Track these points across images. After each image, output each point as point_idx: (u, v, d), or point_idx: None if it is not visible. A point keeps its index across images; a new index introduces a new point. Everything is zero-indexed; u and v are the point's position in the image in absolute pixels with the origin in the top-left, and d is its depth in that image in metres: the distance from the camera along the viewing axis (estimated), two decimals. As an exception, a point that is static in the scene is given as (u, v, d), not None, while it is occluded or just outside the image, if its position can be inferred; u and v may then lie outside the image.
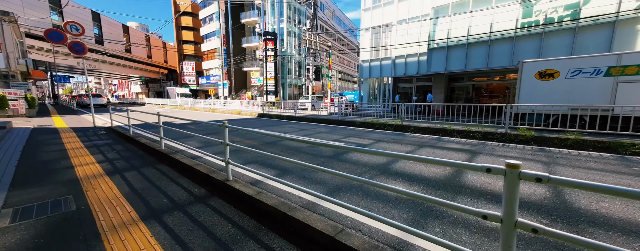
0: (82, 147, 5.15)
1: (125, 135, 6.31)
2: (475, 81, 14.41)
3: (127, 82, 63.19)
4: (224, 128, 2.68)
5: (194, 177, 3.23)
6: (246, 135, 6.73)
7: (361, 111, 13.50)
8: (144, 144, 5.07)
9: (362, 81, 18.75)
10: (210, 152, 4.59)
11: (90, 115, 13.31)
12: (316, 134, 7.01)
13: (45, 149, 4.97)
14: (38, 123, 9.18)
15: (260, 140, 5.97)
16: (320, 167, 1.96)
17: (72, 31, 7.93)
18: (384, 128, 7.61)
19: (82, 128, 8.17)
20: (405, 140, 5.77)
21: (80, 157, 4.33)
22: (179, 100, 28.17)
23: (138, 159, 4.25)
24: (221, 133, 2.80)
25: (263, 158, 4.20)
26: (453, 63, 12.88)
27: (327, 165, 3.83)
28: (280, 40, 28.42)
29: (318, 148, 4.89)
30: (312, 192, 1.99)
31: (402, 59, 15.92)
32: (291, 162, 2.14)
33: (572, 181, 0.90)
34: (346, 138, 6.22)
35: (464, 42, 12.26)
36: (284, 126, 8.90)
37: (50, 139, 6.08)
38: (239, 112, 14.58)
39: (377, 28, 17.18)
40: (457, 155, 4.43)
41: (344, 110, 12.87)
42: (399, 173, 3.38)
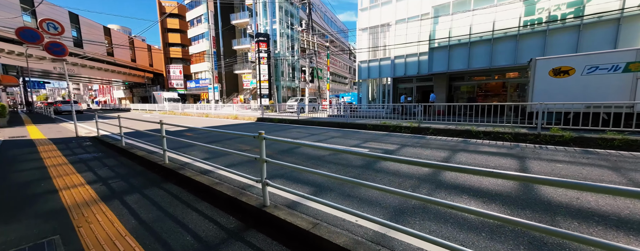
0: (66, 163, 4.37)
1: (116, 146, 5.54)
2: (475, 80, 14.41)
3: (109, 87, 60.11)
4: (261, 140, 2.11)
5: (216, 201, 2.63)
6: (256, 143, 6.10)
7: (362, 113, 13.15)
8: (141, 157, 4.36)
9: (361, 82, 18.43)
10: (221, 163, 3.98)
11: (70, 124, 12.14)
12: (330, 139, 6.49)
13: (20, 167, 4.16)
14: (9, 135, 8.11)
15: (273, 148, 5.38)
16: (374, 184, 1.46)
17: (49, 30, 7.02)
18: (399, 131, 7.21)
19: (63, 139, 7.23)
20: (431, 144, 5.36)
21: (65, 177, 3.59)
22: (167, 105, 26.80)
23: (138, 177, 3.57)
24: (244, 144, 2.23)
25: (286, 170, 3.64)
26: (455, 62, 12.78)
27: (365, 177, 3.32)
28: (273, 42, 27.78)
29: (345, 157, 4.37)
30: (377, 219, 1.52)
31: (402, 59, 15.73)
32: (334, 177, 1.62)
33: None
34: (366, 143, 5.74)
35: (466, 41, 12.18)
36: (290, 131, 8.32)
37: (26, 154, 5.21)
38: (235, 116, 13.82)
39: (375, 28, 16.94)
40: (502, 161, 4.02)
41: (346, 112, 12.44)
42: (458, 186, 2.92)
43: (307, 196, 1.93)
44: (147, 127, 9.33)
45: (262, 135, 2.10)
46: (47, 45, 7.01)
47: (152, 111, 25.25)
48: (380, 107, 14.81)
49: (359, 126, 8.35)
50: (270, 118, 11.84)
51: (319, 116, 13.34)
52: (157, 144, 5.16)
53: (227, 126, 10.38)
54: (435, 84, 14.90)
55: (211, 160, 4.49)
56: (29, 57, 22.51)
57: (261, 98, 26.65)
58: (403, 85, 16.82)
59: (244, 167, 3.97)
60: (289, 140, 2.20)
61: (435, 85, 14.91)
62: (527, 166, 3.73)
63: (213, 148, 3.06)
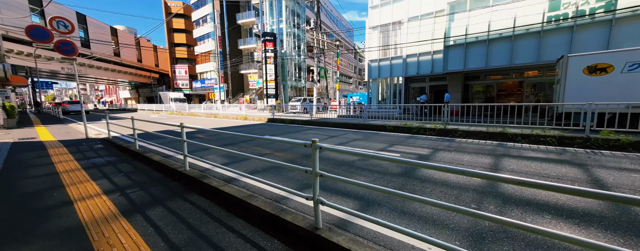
0: (78, 169, 4.10)
1: (129, 149, 5.26)
2: (492, 79, 13.90)
3: (115, 87, 60.57)
4: (315, 150, 1.77)
5: (252, 218, 2.30)
6: (276, 146, 5.78)
7: (374, 113, 12.78)
8: (158, 163, 4.06)
9: (371, 82, 18.02)
10: (244, 170, 3.66)
11: (79, 124, 11.99)
12: (351, 142, 6.13)
13: (30, 173, 3.89)
14: (19, 136, 7.93)
15: (294, 151, 5.04)
16: (449, 204, 1.10)
17: (58, 28, 6.79)
18: (423, 133, 6.81)
19: (73, 141, 7.01)
20: (466, 148, 4.96)
21: (79, 185, 3.30)
22: (173, 106, 26.73)
23: (157, 185, 3.26)
24: (261, 146, 1.89)
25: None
26: (472, 60, 12.30)
27: (410, 188, 2.96)
28: (280, 41, 27.50)
29: (378, 163, 4.01)
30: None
31: (415, 57, 15.29)
32: (402, 196, 1.26)
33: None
34: (393, 147, 5.37)
35: (484, 38, 11.70)
36: (305, 132, 7.99)
37: (36, 158, 4.96)
38: (245, 117, 13.54)
39: (386, 26, 16.51)
40: (561, 169, 3.52)
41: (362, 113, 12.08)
42: (531, 203, 2.53)
43: (374, 220, 1.58)
44: (157, 128, 9.09)
45: (317, 144, 1.76)
46: (57, 44, 6.78)
47: (159, 111, 25.18)
48: (392, 107, 14.39)
49: (378, 127, 7.97)
50: (281, 119, 11.53)
51: (328, 116, 12.99)
52: (170, 146, 4.89)
53: (237, 127, 10.09)
54: (449, 83, 14.43)
55: (231, 165, 4.18)
56: (37, 57, 22.61)
57: (268, 99, 26.40)
58: (415, 84, 16.37)
59: (270, 174, 3.64)
60: (349, 150, 1.85)
61: (449, 84, 14.44)
62: (597, 176, 3.27)
63: (237, 154, 2.73)
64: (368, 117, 10.64)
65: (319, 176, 1.80)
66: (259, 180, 2.50)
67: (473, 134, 6.03)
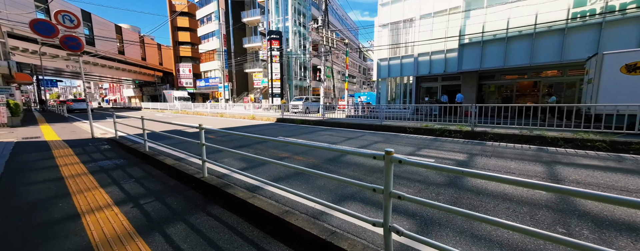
0: (85, 173, 3.76)
1: (138, 151, 4.92)
2: (507, 79, 13.41)
3: (119, 85, 60.67)
4: (390, 164, 1.39)
5: (295, 242, 1.92)
6: (295, 149, 5.41)
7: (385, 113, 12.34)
8: (172, 168, 3.71)
9: (380, 81, 17.59)
10: (265, 177, 3.29)
11: (84, 123, 11.72)
12: (373, 145, 5.75)
13: (33, 178, 3.56)
14: (23, 135, 7.64)
15: (314, 154, 4.67)
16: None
17: (64, 23, 6.48)
18: (448, 135, 6.40)
19: (78, 141, 6.69)
20: (506, 153, 4.54)
21: (87, 193, 2.95)
22: (177, 104, 26.51)
23: (174, 195, 2.90)
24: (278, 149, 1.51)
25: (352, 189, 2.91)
26: (489, 59, 11.83)
27: (467, 202, 2.57)
28: (285, 40, 27.13)
29: (414, 170, 3.62)
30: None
31: (426, 56, 14.84)
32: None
33: None
34: (421, 151, 4.98)
35: (502, 36, 11.23)
36: (320, 134, 7.61)
37: (40, 159, 4.64)
38: (252, 116, 13.19)
39: (396, 24, 16.07)
40: (638, 181, 3.16)
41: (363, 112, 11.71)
42: (632, 226, 2.14)
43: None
44: (164, 127, 8.77)
45: (393, 156, 1.37)
46: (62, 39, 6.47)
47: (164, 110, 24.97)
48: (403, 107, 13.95)
49: (396, 129, 7.57)
50: (291, 119, 11.16)
51: (336, 116, 12.58)
52: (180, 148, 4.54)
53: (246, 128, 9.75)
54: (463, 83, 13.96)
55: (250, 171, 3.81)
56: (42, 55, 22.46)
57: (273, 98, 26.06)
58: (427, 84, 15.92)
59: (296, 181, 3.26)
60: (437, 166, 1.46)
61: (463, 84, 13.97)
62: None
63: (255, 157, 2.37)
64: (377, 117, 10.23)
65: (396, 198, 1.41)
66: (295, 192, 2.12)
67: (505, 137, 5.61)
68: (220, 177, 3.43)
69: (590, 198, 0.92)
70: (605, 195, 0.88)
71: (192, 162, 4.25)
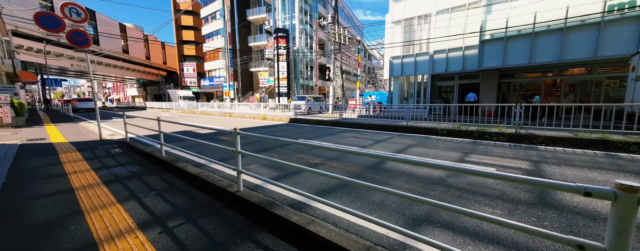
0: (97, 183, 3.28)
1: (152, 156, 4.45)
2: (529, 77, 12.78)
3: (123, 85, 60.59)
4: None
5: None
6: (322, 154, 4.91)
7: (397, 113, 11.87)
8: (196, 177, 3.23)
9: (392, 80, 17.02)
10: (307, 190, 2.78)
11: (90, 123, 11.33)
12: (409, 149, 5.23)
13: (39, 190, 3.09)
14: (28, 137, 7.23)
15: (355, 162, 4.16)
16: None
17: (71, 16, 6.02)
18: (488, 138, 5.85)
19: (86, 143, 6.25)
20: (576, 160, 3.95)
21: (102, 211, 2.47)
22: (182, 104, 26.14)
23: (207, 215, 2.40)
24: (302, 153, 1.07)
25: (426, 209, 2.39)
26: (513, 56, 11.22)
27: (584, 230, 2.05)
28: (292, 38, 26.61)
29: (480, 182, 3.09)
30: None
31: (443, 53, 14.25)
32: None
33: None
34: (469, 157, 4.45)
35: (528, 31, 10.61)
36: (343, 136, 7.10)
37: (46, 166, 4.18)
38: (263, 116, 12.71)
39: (410, 20, 15.48)
40: None
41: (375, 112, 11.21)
42: None
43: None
44: (173, 128, 8.31)
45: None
46: (69, 34, 6.02)
47: (170, 110, 24.61)
48: (423, 107, 13.35)
49: (425, 130, 7.03)
50: (305, 119, 10.66)
51: (348, 116, 12.04)
52: (195, 151, 4.07)
53: (260, 129, 9.26)
54: (482, 82, 13.36)
55: (285, 180, 3.32)
56: (47, 53, 22.17)
57: (279, 97, 25.58)
58: (443, 83, 15.32)
59: (342, 194, 2.76)
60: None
61: (482, 82, 13.37)
62: None
63: (285, 164, 1.88)
64: (397, 118, 9.71)
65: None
66: (364, 216, 1.61)
67: (558, 140, 5.05)
68: (253, 188, 2.94)
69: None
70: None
71: (215, 169, 3.77)
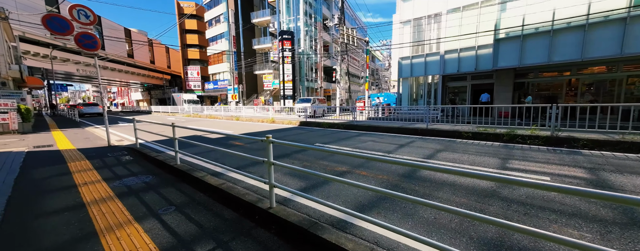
0: (111, 198, 2.99)
1: (166, 164, 4.16)
2: (546, 77, 12.36)
3: (127, 89, 61.03)
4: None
5: None
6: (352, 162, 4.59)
7: (409, 115, 11.52)
8: (219, 190, 2.92)
9: (401, 81, 16.67)
10: (342, 203, 2.45)
11: (96, 128, 11.14)
12: (437, 154, 4.88)
13: (48, 205, 2.80)
14: (34, 143, 7.01)
15: (386, 171, 3.83)
16: None
17: (79, 18, 5.82)
18: (521, 142, 5.47)
19: (95, 150, 6.00)
20: (636, 168, 3.61)
21: (119, 232, 2.16)
22: (186, 107, 26.06)
23: (239, 238, 2.08)
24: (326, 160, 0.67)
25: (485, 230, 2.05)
26: (531, 55, 10.83)
27: None
28: (296, 40, 26.45)
29: (525, 194, 2.74)
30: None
31: (454, 53, 13.89)
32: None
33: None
34: (509, 163, 4.09)
35: (547, 28, 10.24)
36: (362, 140, 6.77)
37: (54, 176, 3.91)
38: (272, 120, 12.44)
39: (420, 19, 15.18)
40: None
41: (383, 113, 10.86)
42: None
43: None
44: (182, 133, 8.05)
45: None
46: (77, 37, 5.80)
47: (175, 113, 24.49)
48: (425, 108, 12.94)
49: (448, 133, 6.67)
50: (317, 122, 10.35)
51: (359, 118, 11.70)
52: (210, 158, 3.78)
53: (271, 132, 8.96)
54: (496, 82, 12.97)
55: (314, 192, 2.99)
56: (53, 58, 22.24)
57: (285, 100, 25.36)
58: (454, 83, 14.95)
59: (384, 210, 2.43)
60: None
61: (496, 82, 12.98)
62: None
63: (311, 173, 1.56)
64: (410, 120, 9.36)
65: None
66: (439, 245, 1.28)
67: (604, 144, 4.66)
68: (281, 202, 2.62)
69: None
70: None
71: (235, 178, 3.46)
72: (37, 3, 22.21)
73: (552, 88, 12.50)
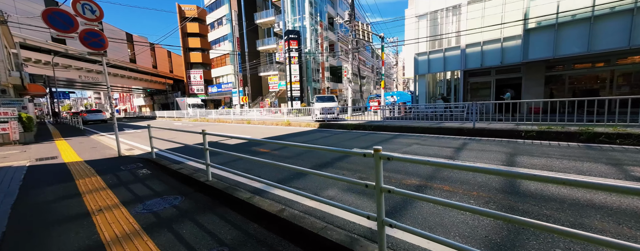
0: (136, 232, 2.24)
1: (196, 180, 3.41)
2: (577, 69, 11.54)
3: (129, 95, 60.64)
4: None
5: None
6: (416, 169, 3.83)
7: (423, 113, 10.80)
8: (281, 220, 2.16)
9: (418, 78, 15.90)
10: (456, 238, 1.67)
11: (101, 136, 10.45)
12: (514, 159, 4.11)
13: (53, 244, 2.06)
14: (37, 155, 6.31)
15: (471, 182, 3.07)
16: None
17: (84, 14, 5.12)
18: (606, 142, 4.68)
19: (105, 162, 5.28)
20: None
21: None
22: (191, 112, 25.40)
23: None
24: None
25: None
26: (567, 45, 10.03)
27: None
28: (302, 40, 25.76)
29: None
30: None
31: (477, 47, 13.12)
32: None
33: None
34: (632, 171, 3.31)
35: (586, 15, 9.45)
36: (403, 143, 6.01)
37: (60, 198, 3.18)
38: (288, 122, 11.70)
39: (437, 12, 14.43)
40: None
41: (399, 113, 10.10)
42: None
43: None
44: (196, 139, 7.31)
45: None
46: (82, 34, 5.11)
47: (181, 118, 23.84)
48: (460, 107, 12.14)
49: (501, 133, 5.89)
50: (338, 124, 9.59)
51: (374, 118, 10.91)
52: (240, 169, 3.02)
53: (292, 136, 8.22)
54: (525, 76, 12.17)
55: (405, 217, 2.23)
56: (55, 65, 21.69)
57: (292, 101, 24.65)
58: (476, 79, 14.15)
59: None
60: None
61: (525, 77, 12.18)
62: None
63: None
64: (418, 118, 8.59)
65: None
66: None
67: None
68: (394, 247, 1.87)
69: None
70: None
71: (288, 199, 2.71)
72: (37, 8, 21.69)
73: (584, 81, 11.68)
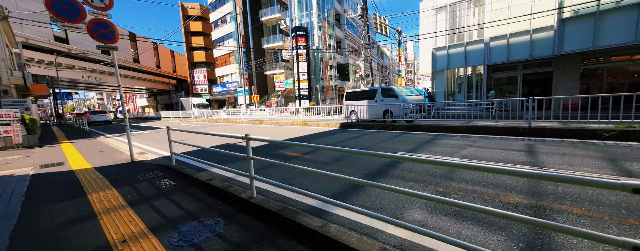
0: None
1: (238, 198, 2.76)
2: (614, 61, 10.74)
3: (132, 95, 60.24)
4: None
5: None
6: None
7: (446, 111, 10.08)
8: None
9: (436, 74, 15.15)
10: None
11: (108, 138, 9.85)
12: (617, 166, 3.41)
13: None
14: (41, 161, 5.70)
15: (574, 197, 2.38)
16: None
17: (92, 1, 4.47)
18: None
19: (117, 169, 4.64)
20: None
21: None
22: (197, 112, 24.83)
23: None
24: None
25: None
26: (609, 35, 9.24)
27: None
28: (310, 36, 25.01)
29: None
30: None
31: (502, 40, 12.35)
32: None
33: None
34: None
35: (633, 1, 8.65)
36: (455, 144, 5.32)
37: (72, 221, 2.54)
38: (304, 122, 11.03)
39: (456, 4, 13.66)
40: None
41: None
42: None
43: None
44: (211, 141, 6.66)
45: None
46: (90, 25, 4.46)
47: (187, 118, 23.26)
48: (466, 103, 11.41)
49: (560, 133, 5.19)
50: (364, 123, 8.90)
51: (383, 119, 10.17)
52: (282, 179, 2.34)
53: (315, 137, 7.55)
54: (557, 70, 11.38)
55: None
56: (58, 65, 21.15)
57: (300, 100, 23.98)
58: (500, 74, 13.38)
59: None
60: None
61: (557, 71, 11.40)
62: None
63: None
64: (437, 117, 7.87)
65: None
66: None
67: None
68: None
69: None
70: None
71: (351, 219, 2.04)
72: (39, 7, 21.10)
73: (621, 75, 10.88)
